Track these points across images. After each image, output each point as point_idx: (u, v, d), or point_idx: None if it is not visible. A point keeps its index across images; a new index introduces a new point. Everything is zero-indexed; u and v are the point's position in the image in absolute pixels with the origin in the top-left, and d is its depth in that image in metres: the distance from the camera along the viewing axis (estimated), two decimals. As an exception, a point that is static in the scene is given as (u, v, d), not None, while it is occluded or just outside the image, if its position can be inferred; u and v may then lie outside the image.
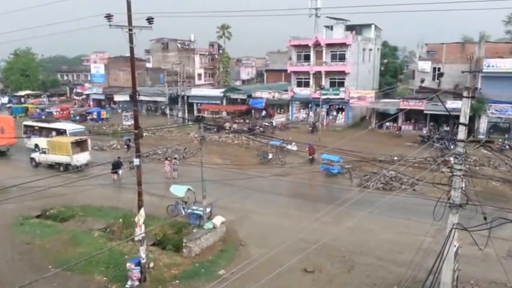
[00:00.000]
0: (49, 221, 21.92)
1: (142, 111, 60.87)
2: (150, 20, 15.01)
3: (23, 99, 74.45)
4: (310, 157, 31.47)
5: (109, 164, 28.63)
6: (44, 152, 32.48)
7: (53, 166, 31.93)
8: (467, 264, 15.57)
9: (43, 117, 55.13)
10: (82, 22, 50.08)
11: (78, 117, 56.01)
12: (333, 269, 16.40)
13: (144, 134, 18.11)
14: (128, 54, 15.78)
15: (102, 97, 70.19)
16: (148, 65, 75.77)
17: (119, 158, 29.71)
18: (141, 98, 57.64)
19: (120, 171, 28.87)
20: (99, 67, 74.84)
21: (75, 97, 78.91)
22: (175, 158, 31.67)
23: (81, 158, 31.47)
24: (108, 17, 14.34)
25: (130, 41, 14.74)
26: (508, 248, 17.69)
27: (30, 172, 30.34)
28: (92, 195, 25.00)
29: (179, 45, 76.55)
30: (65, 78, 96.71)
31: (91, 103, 71.23)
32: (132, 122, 20.45)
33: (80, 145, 31.95)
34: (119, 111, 63.19)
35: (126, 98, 62.65)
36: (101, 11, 15.02)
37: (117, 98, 66.36)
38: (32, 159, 33.22)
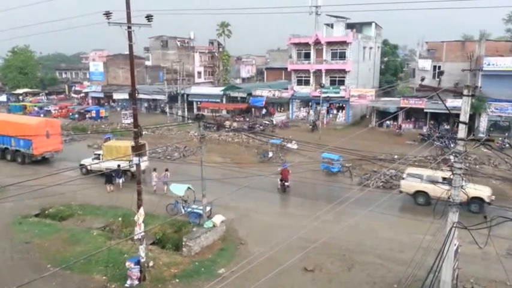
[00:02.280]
0: (48, 219, 21.83)
1: (142, 109, 60.77)
2: (149, 17, 14.93)
3: (21, 97, 74.23)
4: (282, 182, 25.43)
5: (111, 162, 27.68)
6: (98, 158, 28.88)
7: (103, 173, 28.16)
8: (467, 262, 15.56)
9: (41, 115, 55.00)
10: (81, 19, 49.95)
11: (76, 115, 55.90)
12: (333, 268, 16.36)
13: (144, 133, 18.07)
14: (127, 52, 15.71)
15: (101, 95, 70.04)
16: (148, 63, 75.60)
17: (118, 166, 26.28)
18: (141, 96, 57.68)
19: (119, 181, 26.57)
20: (98, 65, 74.69)
21: (74, 95, 78.79)
22: (166, 170, 26.55)
23: (141, 164, 28.78)
24: (107, 14, 14.26)
25: (129, 38, 14.67)
26: (508, 246, 17.68)
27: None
28: (90, 194, 24.96)
29: (179, 43, 76.40)
30: (64, 76, 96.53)
31: (90, 101, 71.13)
32: (131, 120, 20.40)
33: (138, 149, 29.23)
34: (118, 109, 63.16)
35: (125, 96, 62.55)
36: (99, 9, 14.95)
37: (116, 96, 66.24)
38: (82, 166, 29.39)
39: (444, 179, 21.33)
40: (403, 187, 23.54)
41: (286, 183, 25.14)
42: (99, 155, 29.18)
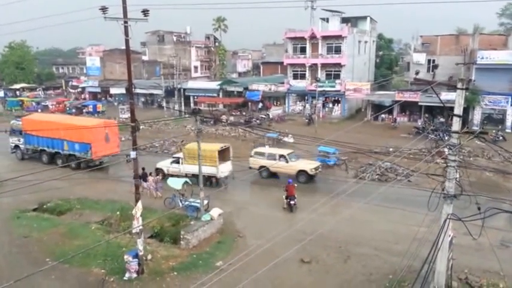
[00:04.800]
0: (46, 214, 21.88)
1: (139, 104, 60.68)
2: (145, 12, 14.93)
3: (18, 93, 73.89)
4: (288, 201, 21.56)
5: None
6: (177, 162, 26.63)
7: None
8: (462, 253, 15.75)
9: (39, 110, 54.80)
10: (77, 14, 49.74)
11: (73, 110, 55.74)
12: (329, 260, 16.56)
13: (141, 127, 17.99)
14: (124, 47, 15.73)
15: (98, 90, 69.92)
16: (144, 58, 75.39)
17: (143, 169, 23.97)
18: (137, 90, 57.57)
19: (144, 185, 23.96)
20: (94, 60, 74.40)
21: (71, 90, 78.49)
22: (157, 175, 25.66)
23: (225, 169, 25.77)
24: (103, 9, 14.27)
25: (126, 33, 14.66)
26: (501, 237, 17.93)
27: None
28: (88, 188, 25.00)
29: (175, 37, 76.16)
30: (61, 71, 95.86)
31: (87, 96, 70.91)
32: (129, 114, 20.43)
33: (221, 153, 25.76)
34: (115, 104, 63.04)
35: (122, 90, 62.49)
36: (96, 3, 14.95)
37: (113, 90, 66.17)
38: (159, 170, 26.79)
39: (281, 156, 26.31)
40: (251, 163, 27.17)
41: (292, 202, 21.47)
42: (178, 158, 26.75)
